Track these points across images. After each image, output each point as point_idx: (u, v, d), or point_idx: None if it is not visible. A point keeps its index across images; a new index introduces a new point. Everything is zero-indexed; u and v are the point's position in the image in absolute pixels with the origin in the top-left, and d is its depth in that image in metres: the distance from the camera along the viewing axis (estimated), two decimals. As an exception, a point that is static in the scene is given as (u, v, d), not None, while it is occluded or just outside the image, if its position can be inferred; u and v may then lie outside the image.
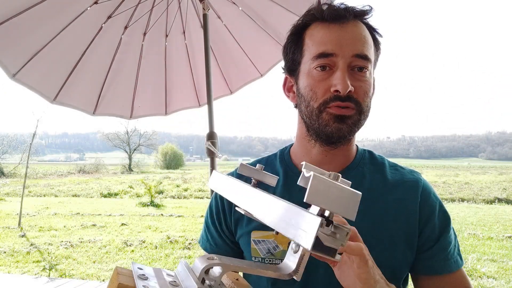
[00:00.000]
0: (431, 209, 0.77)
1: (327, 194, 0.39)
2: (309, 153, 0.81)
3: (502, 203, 11.74)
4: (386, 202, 0.76)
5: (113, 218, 8.98)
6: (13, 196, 14.06)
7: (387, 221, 0.74)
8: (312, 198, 0.38)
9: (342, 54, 0.70)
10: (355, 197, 0.39)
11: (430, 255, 0.76)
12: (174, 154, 43.69)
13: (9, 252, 5.92)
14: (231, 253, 0.87)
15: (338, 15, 0.72)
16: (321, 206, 0.39)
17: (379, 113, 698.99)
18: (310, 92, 0.74)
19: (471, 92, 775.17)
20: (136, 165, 38.40)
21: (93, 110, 2.35)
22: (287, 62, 0.82)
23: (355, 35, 0.72)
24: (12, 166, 25.72)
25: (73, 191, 15.22)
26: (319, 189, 0.38)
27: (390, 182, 0.79)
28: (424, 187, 0.79)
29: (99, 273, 4.89)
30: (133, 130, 42.09)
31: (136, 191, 14.79)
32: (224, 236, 0.86)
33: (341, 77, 0.69)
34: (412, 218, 0.75)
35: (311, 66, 0.73)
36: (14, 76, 1.89)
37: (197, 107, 2.69)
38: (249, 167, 0.57)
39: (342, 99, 0.70)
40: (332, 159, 0.79)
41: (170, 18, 2.29)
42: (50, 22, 1.90)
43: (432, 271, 0.76)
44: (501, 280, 4.50)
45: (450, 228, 0.79)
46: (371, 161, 0.84)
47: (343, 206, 0.39)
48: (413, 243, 0.75)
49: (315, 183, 0.38)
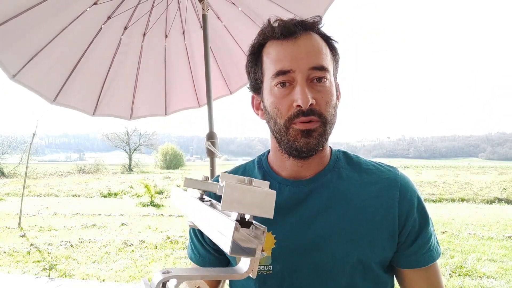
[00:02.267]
0: (410, 204, 0.78)
1: (241, 199, 0.41)
2: (284, 164, 0.82)
3: (502, 203, 11.73)
4: (364, 199, 0.77)
5: (113, 218, 8.98)
6: (13, 196, 14.06)
7: (366, 219, 0.75)
8: (227, 206, 0.41)
9: (299, 69, 0.72)
10: (270, 196, 0.42)
11: (413, 250, 0.78)
12: (174, 154, 43.66)
13: (9, 252, 5.93)
14: (216, 261, 0.88)
15: (289, 31, 0.74)
16: (237, 211, 0.42)
17: (379, 113, 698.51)
18: (275, 110, 0.76)
19: (471, 93, 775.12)
20: (136, 165, 38.40)
21: (93, 110, 2.35)
22: (250, 81, 0.84)
23: (308, 48, 0.74)
24: (12, 166, 25.72)
25: (73, 191, 15.22)
26: (233, 196, 0.41)
27: (367, 179, 0.80)
28: (401, 182, 0.80)
29: (99, 273, 4.89)
30: (133, 130, 42.10)
31: (136, 191, 14.78)
32: (206, 246, 0.88)
33: (301, 92, 0.71)
34: (391, 215, 0.76)
35: (272, 84, 0.76)
36: (14, 77, 1.89)
37: (197, 107, 2.69)
38: (192, 181, 0.58)
39: (305, 113, 0.72)
40: (307, 168, 0.81)
41: (169, 18, 2.30)
42: (50, 22, 1.90)
43: (418, 264, 0.78)
44: (501, 280, 4.50)
45: (429, 221, 0.80)
46: (346, 160, 0.85)
47: (258, 206, 0.41)
48: (393, 238, 0.76)
49: (228, 190, 0.41)
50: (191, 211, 0.57)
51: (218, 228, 0.45)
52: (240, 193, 0.41)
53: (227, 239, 0.41)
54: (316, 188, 0.79)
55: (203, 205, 0.52)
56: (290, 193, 0.80)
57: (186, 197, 0.61)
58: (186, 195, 0.62)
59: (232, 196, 0.41)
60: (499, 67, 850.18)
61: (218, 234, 0.44)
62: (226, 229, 0.42)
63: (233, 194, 0.41)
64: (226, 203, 0.41)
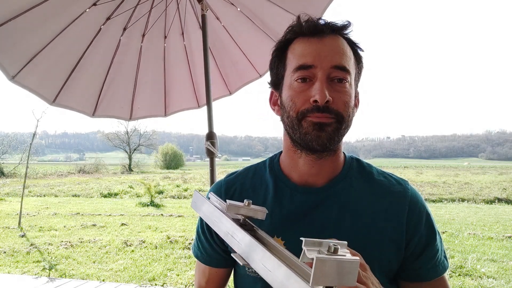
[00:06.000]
0: (418, 219, 0.78)
1: (331, 273, 0.39)
2: (297, 164, 0.82)
3: (502, 203, 11.73)
4: (374, 211, 0.77)
5: (113, 218, 8.99)
6: (13, 196, 14.07)
7: (374, 232, 0.76)
8: (317, 282, 0.39)
9: (321, 65, 0.72)
10: (354, 265, 0.41)
11: (418, 264, 0.78)
12: (174, 154, 43.69)
13: (9, 252, 5.93)
14: (222, 261, 0.88)
15: (316, 29, 0.75)
16: (325, 285, 0.40)
17: (379, 113, 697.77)
18: (290, 103, 0.76)
19: (471, 92, 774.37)
20: (136, 165, 38.42)
21: (93, 111, 2.35)
22: (272, 76, 0.85)
23: (333, 47, 0.74)
24: (12, 166, 25.72)
25: (73, 191, 15.22)
26: (324, 270, 0.39)
27: (377, 191, 0.80)
28: (411, 196, 0.80)
29: (99, 273, 4.89)
30: (133, 130, 42.14)
31: (136, 191, 14.79)
32: (215, 246, 0.87)
33: (319, 88, 0.71)
34: (399, 229, 0.76)
35: (292, 78, 0.76)
36: (13, 78, 1.88)
37: (197, 108, 2.69)
38: (236, 206, 0.55)
39: (320, 109, 0.71)
40: (319, 170, 0.80)
41: (168, 19, 2.30)
42: (49, 24, 1.90)
43: (422, 279, 0.78)
44: (501, 280, 4.51)
45: (437, 237, 0.80)
46: (358, 169, 0.84)
47: (343, 277, 0.40)
48: (400, 251, 0.76)
49: (319, 265, 0.39)
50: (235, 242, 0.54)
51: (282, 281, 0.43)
52: (329, 267, 0.39)
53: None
54: (327, 198, 0.79)
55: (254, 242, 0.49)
56: (301, 200, 0.80)
57: (219, 218, 0.58)
58: (218, 214, 0.58)
59: (322, 271, 0.39)
60: (500, 67, 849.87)
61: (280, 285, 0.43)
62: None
63: (322, 269, 0.39)
64: (317, 279, 0.39)
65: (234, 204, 0.55)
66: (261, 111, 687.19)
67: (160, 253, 5.88)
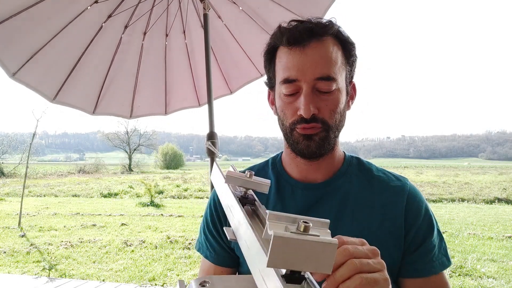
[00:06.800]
0: (417, 213, 0.79)
1: (294, 254, 0.33)
2: (295, 161, 0.84)
3: (502, 203, 11.73)
4: (373, 207, 0.79)
5: (113, 218, 8.98)
6: (13, 196, 14.06)
7: (374, 226, 0.77)
8: (273, 263, 0.33)
9: (304, 79, 0.72)
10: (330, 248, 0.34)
11: (414, 258, 0.77)
12: (174, 154, 43.68)
13: (9, 252, 5.92)
14: (229, 258, 0.89)
15: (295, 40, 0.73)
16: (287, 268, 0.34)
17: (379, 113, 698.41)
18: (282, 113, 0.79)
19: (471, 92, 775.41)
20: (136, 165, 38.40)
21: (93, 109, 2.34)
22: (267, 78, 0.86)
23: (316, 57, 0.72)
24: (12, 166, 25.71)
25: (73, 191, 15.21)
26: (283, 251, 0.32)
27: (376, 186, 0.82)
28: (410, 191, 0.81)
29: (99, 273, 4.88)
30: (133, 130, 42.12)
31: (136, 191, 14.78)
32: (222, 243, 0.88)
33: (303, 103, 0.72)
34: (398, 222, 0.77)
35: (280, 89, 0.77)
36: (14, 75, 1.88)
37: (197, 106, 2.69)
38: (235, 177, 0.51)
39: (307, 121, 0.74)
40: (317, 168, 0.82)
41: (170, 17, 2.29)
42: (50, 21, 1.89)
43: (417, 274, 0.77)
44: (501, 280, 4.50)
45: (434, 232, 0.80)
46: (358, 167, 0.86)
47: (314, 261, 0.33)
48: (400, 246, 0.77)
49: (278, 244, 0.32)
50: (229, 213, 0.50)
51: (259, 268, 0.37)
52: (294, 247, 0.33)
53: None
54: (328, 193, 0.81)
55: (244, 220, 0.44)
56: (302, 196, 0.82)
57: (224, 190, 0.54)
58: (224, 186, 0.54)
59: (282, 252, 0.32)
60: (500, 67, 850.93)
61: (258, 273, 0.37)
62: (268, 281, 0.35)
63: (283, 249, 0.32)
64: (273, 260, 0.32)
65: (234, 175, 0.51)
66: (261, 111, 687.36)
67: (160, 253, 5.88)
